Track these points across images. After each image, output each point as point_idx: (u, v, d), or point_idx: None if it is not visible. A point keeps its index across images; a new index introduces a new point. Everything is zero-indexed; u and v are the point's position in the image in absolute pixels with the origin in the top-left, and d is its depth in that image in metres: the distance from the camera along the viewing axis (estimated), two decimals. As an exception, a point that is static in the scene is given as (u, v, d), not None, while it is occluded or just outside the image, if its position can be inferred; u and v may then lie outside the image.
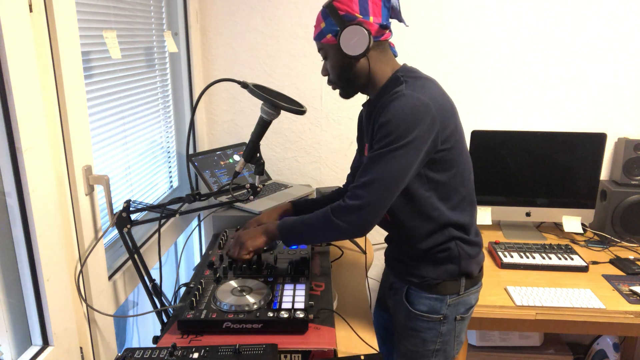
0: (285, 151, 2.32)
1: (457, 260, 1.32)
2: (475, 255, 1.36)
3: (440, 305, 1.34)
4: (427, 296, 1.35)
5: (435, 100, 1.19)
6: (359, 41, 1.21)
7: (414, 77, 1.25)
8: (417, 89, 1.19)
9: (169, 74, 1.97)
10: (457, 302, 1.36)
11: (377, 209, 1.18)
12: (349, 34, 1.20)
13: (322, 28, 1.25)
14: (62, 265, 1.13)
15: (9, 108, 0.95)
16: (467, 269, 1.34)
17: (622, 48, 2.12)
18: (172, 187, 2.06)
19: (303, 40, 2.17)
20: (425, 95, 1.18)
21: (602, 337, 2.27)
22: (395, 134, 1.15)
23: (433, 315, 1.35)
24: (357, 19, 1.21)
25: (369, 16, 1.21)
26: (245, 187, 1.54)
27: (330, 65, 1.31)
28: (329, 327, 1.19)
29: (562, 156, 2.08)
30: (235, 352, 1.01)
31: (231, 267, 1.39)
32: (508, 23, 2.11)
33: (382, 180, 1.16)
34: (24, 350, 1.08)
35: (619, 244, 2.08)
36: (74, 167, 1.16)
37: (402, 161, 1.16)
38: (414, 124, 1.15)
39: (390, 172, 1.16)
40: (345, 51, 1.22)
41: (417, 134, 1.15)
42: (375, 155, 1.18)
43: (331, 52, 1.28)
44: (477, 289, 1.41)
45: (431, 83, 1.25)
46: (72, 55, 1.14)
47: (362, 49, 1.21)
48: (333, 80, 1.34)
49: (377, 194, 1.17)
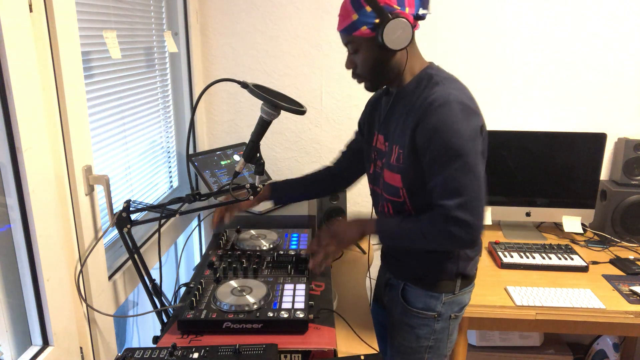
0: (285, 151, 2.32)
1: (455, 260, 1.33)
2: (474, 256, 1.38)
3: (435, 303, 1.36)
4: (423, 293, 1.37)
5: (472, 101, 1.21)
6: (403, 34, 1.17)
7: (447, 77, 1.24)
8: (458, 92, 1.19)
9: (169, 74, 1.97)
10: (452, 301, 1.37)
11: (482, 224, 1.19)
12: (394, 27, 1.16)
13: (355, 20, 1.19)
14: (62, 265, 1.13)
15: (9, 108, 0.95)
16: (465, 269, 1.35)
17: (622, 48, 2.12)
18: (172, 187, 2.06)
19: (303, 40, 2.17)
20: (467, 99, 1.19)
21: (602, 337, 2.27)
22: (458, 144, 1.15)
23: (428, 312, 1.37)
24: (395, 9, 1.17)
25: (405, 7, 1.19)
26: (245, 187, 1.53)
27: (362, 58, 1.26)
28: (329, 327, 1.19)
29: (562, 156, 2.08)
30: (235, 352, 1.01)
31: (231, 267, 1.39)
32: (508, 23, 2.11)
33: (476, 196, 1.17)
34: (24, 350, 1.08)
35: (619, 244, 2.08)
36: (74, 167, 1.16)
37: (479, 168, 1.18)
38: (471, 129, 1.16)
39: (477, 185, 1.17)
40: (389, 45, 1.18)
41: (475, 139, 1.17)
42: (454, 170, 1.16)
43: (365, 45, 1.23)
44: (471, 289, 1.43)
45: (460, 83, 1.26)
46: (72, 55, 1.14)
47: (406, 43, 1.18)
48: (361, 73, 1.31)
49: (478, 213, 1.18)
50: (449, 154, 1.16)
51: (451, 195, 1.17)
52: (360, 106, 2.23)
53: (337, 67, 2.19)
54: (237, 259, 1.45)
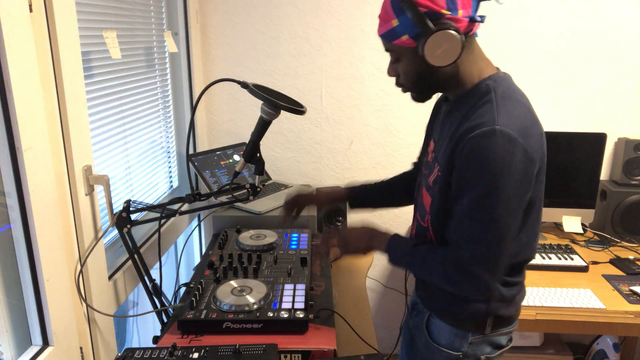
0: (285, 151, 2.32)
1: (486, 300, 1.13)
2: (510, 297, 1.15)
3: (460, 342, 1.18)
4: (448, 329, 1.19)
5: (528, 134, 0.99)
6: (449, 50, 0.99)
7: (506, 96, 1.04)
8: (509, 120, 0.98)
9: (169, 74, 1.97)
10: (482, 341, 1.18)
11: (497, 280, 1.07)
12: (436, 42, 0.98)
13: (395, 26, 1.01)
14: (62, 265, 1.13)
15: (9, 108, 0.95)
16: (497, 310, 1.14)
17: (622, 48, 2.12)
18: (172, 187, 2.06)
19: (303, 40, 2.17)
20: (519, 130, 0.98)
21: (602, 337, 2.27)
22: (487, 185, 0.97)
23: (452, 351, 1.19)
24: (443, 16, 0.97)
25: (458, 10, 0.98)
26: (245, 187, 1.53)
27: (404, 69, 1.09)
28: (329, 327, 1.19)
29: (562, 156, 2.08)
30: (235, 352, 1.01)
31: (231, 267, 1.39)
32: (507, 23, 2.11)
33: (494, 252, 1.02)
34: (24, 350, 1.08)
35: (619, 244, 2.08)
36: (74, 167, 1.16)
37: (504, 221, 1.00)
38: (510, 172, 0.96)
39: (497, 237, 1.01)
40: (431, 62, 1.00)
41: (513, 183, 0.97)
42: (474, 215, 1.01)
43: (406, 55, 1.06)
44: (511, 329, 1.21)
45: (522, 106, 1.05)
46: (72, 55, 1.14)
47: (452, 59, 1.00)
48: (405, 84, 1.13)
49: (494, 269, 1.03)
50: (473, 196, 0.99)
51: (467, 242, 1.03)
52: (361, 106, 2.25)
53: (337, 67, 2.19)
54: (237, 259, 1.45)
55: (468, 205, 1.01)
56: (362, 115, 2.25)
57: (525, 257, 1.14)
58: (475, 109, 1.03)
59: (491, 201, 0.98)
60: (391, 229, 1.25)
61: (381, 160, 2.31)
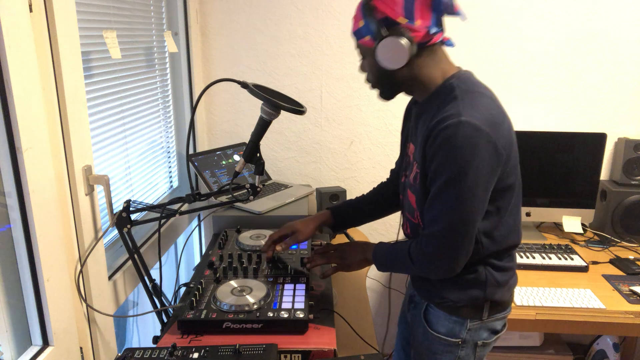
0: (285, 151, 2.32)
1: (482, 286, 1.19)
2: (504, 282, 1.22)
3: (459, 329, 1.23)
4: (446, 317, 1.24)
5: (493, 123, 1.06)
6: (396, 56, 1.07)
7: (469, 90, 1.11)
8: (473, 111, 1.05)
9: (169, 74, 1.97)
10: (479, 327, 1.24)
11: (458, 258, 1.11)
12: (385, 47, 1.07)
13: (361, 27, 1.11)
14: (62, 265, 1.13)
15: (9, 108, 0.95)
16: (493, 295, 1.21)
17: (622, 48, 2.12)
18: (172, 187, 2.06)
19: (303, 40, 2.17)
20: (484, 120, 1.04)
21: (602, 337, 2.27)
22: (455, 171, 1.04)
23: (451, 338, 1.24)
24: (398, 24, 1.05)
25: (415, 20, 1.05)
26: (245, 187, 1.53)
27: (369, 67, 1.18)
28: (329, 327, 1.19)
29: (562, 156, 2.08)
30: (235, 352, 1.01)
31: (231, 267, 1.39)
32: (507, 23, 2.11)
33: (454, 230, 1.08)
34: (24, 350, 1.08)
35: (619, 244, 2.08)
36: (74, 167, 1.16)
37: (470, 204, 1.07)
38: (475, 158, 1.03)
39: (460, 219, 1.08)
40: (381, 64, 1.09)
41: (479, 170, 1.04)
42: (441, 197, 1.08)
43: (368, 55, 1.15)
44: (505, 315, 1.28)
45: (486, 99, 1.12)
46: (72, 55, 1.14)
47: (399, 64, 1.08)
48: (371, 81, 1.22)
49: (449, 247, 1.10)
50: (441, 180, 1.07)
51: (431, 221, 1.12)
52: (361, 106, 2.25)
53: (337, 67, 2.19)
54: (237, 259, 1.45)
55: (437, 189, 1.09)
56: (362, 115, 2.25)
57: (514, 240, 1.22)
58: (442, 106, 1.10)
59: (458, 185, 1.05)
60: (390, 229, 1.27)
61: (381, 160, 2.31)
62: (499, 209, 1.15)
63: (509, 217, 1.18)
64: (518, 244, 1.24)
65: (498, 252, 1.19)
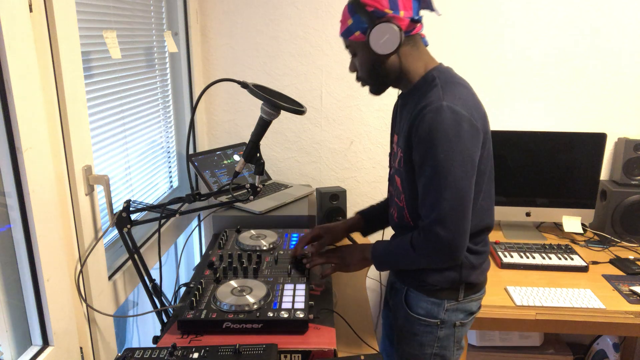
0: (285, 151, 2.32)
1: (458, 268, 1.28)
2: (478, 265, 1.31)
3: (437, 310, 1.32)
4: (425, 299, 1.32)
5: (471, 109, 1.16)
6: (390, 39, 1.16)
7: (449, 81, 1.20)
8: (454, 98, 1.14)
9: (169, 74, 1.97)
10: (456, 308, 1.32)
11: (462, 239, 1.17)
12: (379, 32, 1.16)
13: (349, 25, 1.21)
14: (62, 265, 1.13)
15: (9, 108, 0.95)
16: (468, 277, 1.30)
17: (622, 48, 2.12)
18: (172, 187, 2.06)
19: (303, 40, 2.17)
20: (463, 105, 1.14)
21: (602, 337, 2.27)
22: (442, 155, 1.11)
23: (430, 319, 1.33)
24: (386, 14, 1.16)
25: (399, 10, 1.16)
26: (245, 187, 1.53)
27: (360, 62, 1.27)
28: (329, 327, 1.19)
29: (562, 156, 2.08)
30: (235, 352, 1.01)
31: (231, 267, 1.39)
32: (508, 23, 2.11)
33: (454, 211, 1.14)
34: (24, 350, 1.08)
35: (619, 244, 2.08)
36: (74, 167, 1.16)
37: (463, 183, 1.14)
38: (460, 139, 1.12)
39: (457, 199, 1.14)
40: (375, 50, 1.18)
41: (465, 149, 1.13)
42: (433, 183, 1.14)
43: (360, 49, 1.24)
44: (479, 296, 1.37)
45: (464, 89, 1.21)
46: (72, 55, 1.14)
47: (393, 47, 1.17)
48: (362, 77, 1.30)
49: (455, 228, 1.15)
50: (431, 164, 1.14)
51: (429, 208, 1.16)
52: (361, 106, 2.25)
53: (337, 67, 2.19)
54: (237, 259, 1.45)
55: (427, 176, 1.16)
56: (362, 115, 2.25)
57: (487, 223, 1.30)
58: (424, 94, 1.19)
59: (446, 168, 1.12)
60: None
61: (381, 160, 2.31)
62: (474, 193, 1.20)
63: (483, 202, 1.25)
64: (491, 226, 1.33)
65: (473, 235, 1.25)
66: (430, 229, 1.16)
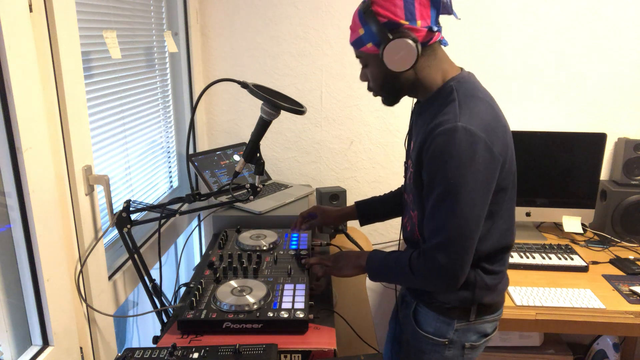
0: (285, 151, 2.32)
1: (472, 288, 1.19)
2: (493, 286, 1.22)
3: (446, 329, 1.24)
4: (434, 317, 1.25)
5: (489, 130, 1.06)
6: (406, 56, 1.07)
7: (468, 94, 1.11)
8: (471, 117, 1.05)
9: (169, 74, 1.97)
10: (467, 329, 1.25)
11: (463, 268, 1.10)
12: (394, 48, 1.07)
13: (361, 35, 1.12)
14: (62, 265, 1.13)
15: (9, 108, 0.95)
16: (482, 298, 1.21)
17: (622, 48, 2.12)
18: (172, 187, 2.06)
19: (303, 40, 2.17)
20: (480, 126, 1.05)
21: (602, 337, 2.27)
22: (453, 179, 1.04)
23: (438, 338, 1.25)
24: (401, 26, 1.07)
25: (416, 20, 1.07)
26: (245, 187, 1.54)
27: (372, 75, 1.19)
28: (329, 327, 1.19)
29: (562, 156, 2.08)
30: (235, 352, 1.01)
31: (231, 267, 1.39)
32: (508, 23, 2.11)
33: (458, 239, 1.07)
34: (24, 350, 1.08)
35: (619, 244, 2.08)
36: (74, 167, 1.16)
37: (471, 211, 1.06)
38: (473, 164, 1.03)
39: (463, 227, 1.06)
40: (390, 67, 1.09)
41: (477, 175, 1.04)
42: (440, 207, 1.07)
43: (372, 62, 1.16)
44: (496, 317, 1.28)
45: (484, 104, 1.11)
46: (72, 55, 1.14)
47: (409, 64, 1.08)
48: (374, 89, 1.23)
49: (456, 257, 1.08)
50: (440, 187, 1.06)
51: (433, 232, 1.10)
52: (361, 106, 2.25)
53: (337, 67, 2.19)
54: (237, 259, 1.45)
55: (435, 199, 1.09)
56: (362, 115, 2.25)
57: (506, 243, 1.22)
58: (440, 108, 1.10)
59: (456, 193, 1.05)
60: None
61: (381, 160, 2.31)
62: (492, 212, 1.14)
63: (502, 221, 1.17)
64: (511, 246, 1.24)
65: (489, 255, 1.19)
66: (431, 253, 1.10)
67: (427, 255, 1.12)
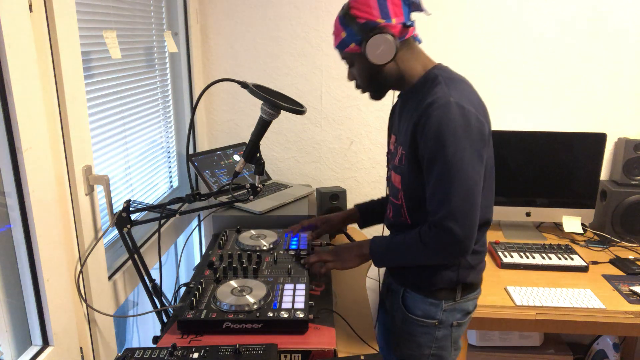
0: (285, 151, 2.32)
1: (455, 268, 1.28)
2: (476, 265, 1.32)
3: (435, 310, 1.32)
4: (422, 300, 1.32)
5: (476, 105, 1.17)
6: (386, 49, 1.18)
7: (452, 78, 1.22)
8: (460, 95, 1.16)
9: (169, 74, 1.97)
10: (453, 308, 1.33)
11: (474, 233, 1.17)
12: (374, 43, 1.17)
13: (344, 38, 1.22)
14: (62, 265, 1.13)
15: (9, 108, 0.95)
16: (466, 278, 1.31)
17: (622, 48, 2.12)
18: (172, 187, 2.06)
19: (303, 40, 2.17)
20: (468, 102, 1.15)
21: (602, 337, 2.27)
22: (452, 151, 1.12)
23: (428, 320, 1.33)
24: (378, 24, 1.17)
25: (391, 18, 1.18)
26: (245, 187, 1.54)
27: (358, 72, 1.29)
28: (329, 327, 1.19)
29: (562, 156, 2.08)
30: (235, 352, 1.01)
31: (231, 267, 1.39)
32: (508, 23, 2.11)
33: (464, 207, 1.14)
34: (24, 350, 1.08)
35: (619, 244, 2.08)
36: (74, 167, 1.16)
37: (472, 178, 1.14)
38: (469, 135, 1.13)
39: (467, 194, 1.14)
40: (373, 61, 1.19)
41: (474, 144, 1.14)
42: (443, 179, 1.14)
43: (357, 60, 1.25)
44: (475, 296, 1.38)
45: (467, 86, 1.23)
46: (72, 55, 1.14)
47: (389, 57, 1.19)
48: (362, 85, 1.32)
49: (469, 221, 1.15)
50: (441, 161, 1.14)
51: (439, 204, 1.16)
52: (361, 106, 2.25)
53: (337, 67, 2.19)
54: (237, 259, 1.45)
55: (438, 172, 1.15)
56: (362, 115, 2.25)
57: (486, 219, 1.29)
58: (429, 91, 1.20)
59: (457, 163, 1.13)
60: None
61: (381, 160, 2.31)
62: None
63: (483, 198, 1.23)
64: (490, 222, 1.32)
65: None
66: (442, 223, 1.15)
67: (439, 226, 1.16)
